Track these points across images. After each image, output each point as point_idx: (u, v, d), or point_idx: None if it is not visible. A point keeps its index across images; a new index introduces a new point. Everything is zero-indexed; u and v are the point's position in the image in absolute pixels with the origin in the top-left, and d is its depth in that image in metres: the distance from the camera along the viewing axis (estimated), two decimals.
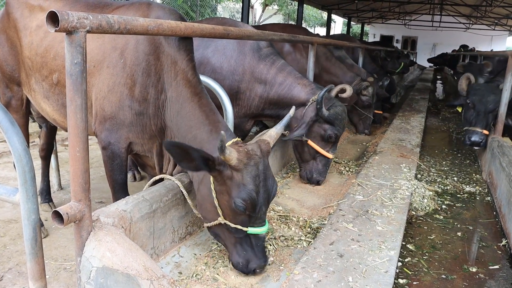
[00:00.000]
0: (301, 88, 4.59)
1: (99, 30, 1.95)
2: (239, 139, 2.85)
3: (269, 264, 3.02)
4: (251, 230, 2.72)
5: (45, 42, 3.34)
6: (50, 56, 3.29)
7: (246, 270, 2.80)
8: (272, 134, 2.95)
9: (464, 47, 19.92)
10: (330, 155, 4.63)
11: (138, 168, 5.62)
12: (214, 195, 2.71)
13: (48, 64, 3.31)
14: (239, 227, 2.69)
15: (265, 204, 2.74)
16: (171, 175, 3.25)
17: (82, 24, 1.82)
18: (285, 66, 4.68)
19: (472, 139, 5.75)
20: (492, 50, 23.17)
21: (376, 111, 8.17)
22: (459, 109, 6.35)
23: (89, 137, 6.17)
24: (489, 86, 6.11)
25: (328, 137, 4.53)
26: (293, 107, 3.31)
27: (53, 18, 1.74)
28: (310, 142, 4.57)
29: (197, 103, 2.94)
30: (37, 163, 4.73)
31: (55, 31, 1.76)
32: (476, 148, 5.97)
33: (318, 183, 4.74)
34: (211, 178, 2.70)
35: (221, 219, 2.72)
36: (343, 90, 4.89)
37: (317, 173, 4.71)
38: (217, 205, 2.71)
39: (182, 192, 3.02)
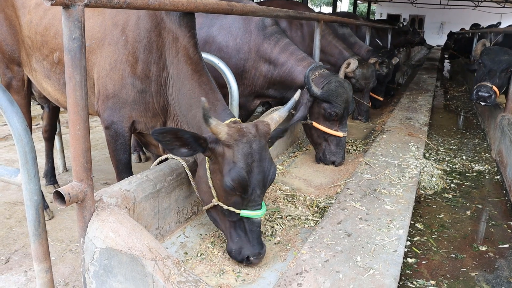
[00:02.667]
0: (301, 70, 4.43)
1: (98, 4, 1.88)
2: (238, 119, 2.77)
3: (274, 244, 2.99)
4: (243, 213, 2.58)
5: (45, 20, 3.27)
6: (51, 34, 3.23)
7: (238, 257, 2.66)
8: (275, 117, 2.78)
9: (475, 26, 19.42)
10: (339, 134, 4.45)
11: (143, 149, 5.60)
12: (208, 174, 2.64)
13: (48, 42, 3.25)
14: (231, 209, 2.58)
15: (259, 186, 2.57)
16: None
17: None
18: (288, 45, 4.54)
19: (480, 93, 5.59)
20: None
21: (373, 95, 7.54)
22: None
23: (93, 117, 6.11)
24: (502, 48, 6.01)
25: (328, 115, 4.35)
26: (299, 91, 3.00)
27: None
28: (315, 123, 4.45)
29: (197, 81, 2.84)
30: (43, 145, 4.72)
31: (51, 4, 1.69)
32: (483, 104, 5.70)
33: (333, 163, 4.57)
34: (206, 158, 2.63)
35: (215, 201, 2.64)
36: (348, 65, 4.73)
37: (331, 154, 4.54)
38: (211, 185, 2.64)
39: (186, 172, 2.98)
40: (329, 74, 4.48)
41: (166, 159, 3.07)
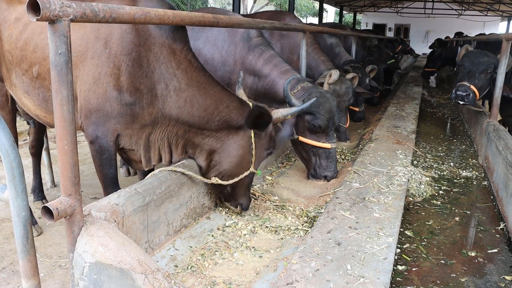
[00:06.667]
0: (284, 82, 4.33)
1: (84, 19, 1.89)
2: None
3: (268, 251, 2.99)
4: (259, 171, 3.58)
5: (24, 35, 3.25)
6: (30, 48, 3.20)
7: (249, 204, 3.57)
8: (279, 114, 3.55)
9: (459, 34, 19.76)
10: (327, 145, 4.33)
11: None
12: (253, 147, 3.32)
13: (27, 57, 3.22)
14: (255, 171, 3.43)
15: None
16: (170, 164, 3.31)
17: (65, 12, 1.76)
18: (272, 57, 4.49)
19: (458, 92, 5.71)
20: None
21: (351, 108, 7.24)
22: None
23: (80, 132, 6.08)
24: (482, 51, 6.15)
25: (313, 127, 4.24)
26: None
27: (34, 6, 1.68)
28: (301, 138, 4.34)
29: (214, 82, 3.24)
30: (30, 161, 4.68)
31: (37, 20, 1.69)
32: (462, 103, 5.80)
33: (325, 178, 4.44)
34: (252, 133, 3.31)
35: (252, 169, 3.36)
36: (330, 76, 4.67)
37: (321, 168, 4.42)
38: (253, 156, 3.34)
39: (189, 176, 3.24)
40: (311, 87, 4.38)
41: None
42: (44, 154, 4.79)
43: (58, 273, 3.22)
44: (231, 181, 3.33)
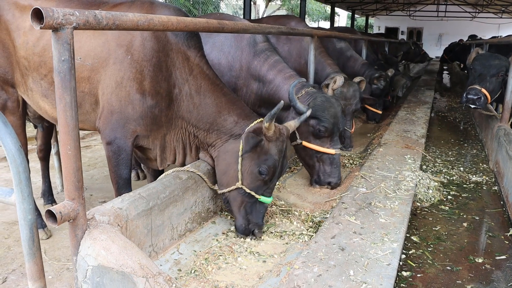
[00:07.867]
0: (288, 88, 4.26)
1: (87, 26, 1.92)
2: (262, 118, 3.27)
3: (272, 256, 2.99)
4: (262, 198, 3.18)
5: (42, 41, 3.34)
6: (49, 54, 3.30)
7: (246, 231, 3.23)
8: (292, 124, 3.60)
9: (472, 37, 19.64)
10: (331, 151, 4.22)
11: (142, 166, 5.62)
12: (239, 160, 3.12)
13: (47, 62, 3.32)
14: (252, 193, 3.13)
15: (278, 177, 3.27)
16: (183, 165, 3.46)
17: (68, 20, 1.80)
18: (277, 63, 4.45)
19: (469, 95, 5.68)
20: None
21: (372, 109, 7.63)
22: None
23: (93, 136, 6.12)
24: (493, 54, 6.10)
25: (318, 131, 4.15)
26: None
27: (38, 15, 1.72)
28: (305, 143, 4.25)
29: (220, 92, 3.33)
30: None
31: (40, 28, 1.74)
32: (473, 107, 5.76)
33: (329, 184, 4.35)
34: (240, 146, 3.12)
35: (238, 184, 3.13)
36: (334, 82, 4.63)
37: (325, 174, 4.31)
38: (239, 170, 3.12)
39: (201, 177, 3.35)
40: (316, 92, 4.31)
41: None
42: (54, 158, 4.86)
43: (66, 275, 3.27)
44: (220, 191, 3.33)
